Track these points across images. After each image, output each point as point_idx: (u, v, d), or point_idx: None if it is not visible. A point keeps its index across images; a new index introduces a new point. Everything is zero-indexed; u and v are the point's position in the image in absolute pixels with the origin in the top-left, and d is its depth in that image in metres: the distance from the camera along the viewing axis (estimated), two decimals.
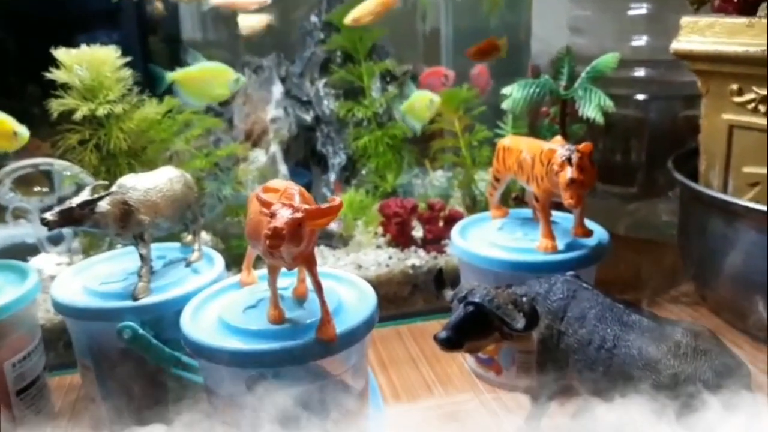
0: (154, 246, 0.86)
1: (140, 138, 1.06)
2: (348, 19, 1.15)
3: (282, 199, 0.66)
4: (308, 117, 1.30)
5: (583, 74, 1.08)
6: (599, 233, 0.94)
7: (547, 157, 0.84)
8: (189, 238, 0.96)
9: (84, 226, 0.78)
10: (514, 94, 1.05)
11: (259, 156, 1.27)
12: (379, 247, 1.20)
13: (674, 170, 1.13)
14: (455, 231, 0.99)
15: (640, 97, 1.47)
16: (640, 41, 1.48)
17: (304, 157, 1.37)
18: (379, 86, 1.31)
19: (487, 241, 0.95)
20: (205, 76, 1.05)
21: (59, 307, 0.84)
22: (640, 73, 1.49)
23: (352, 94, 1.31)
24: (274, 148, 1.32)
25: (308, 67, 1.31)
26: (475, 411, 0.92)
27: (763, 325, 1.02)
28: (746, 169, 0.99)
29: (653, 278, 1.26)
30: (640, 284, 1.18)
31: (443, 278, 0.87)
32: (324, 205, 0.64)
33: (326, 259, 1.17)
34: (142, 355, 0.81)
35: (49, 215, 0.76)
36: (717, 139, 1.02)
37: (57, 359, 1.02)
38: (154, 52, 1.43)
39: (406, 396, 0.95)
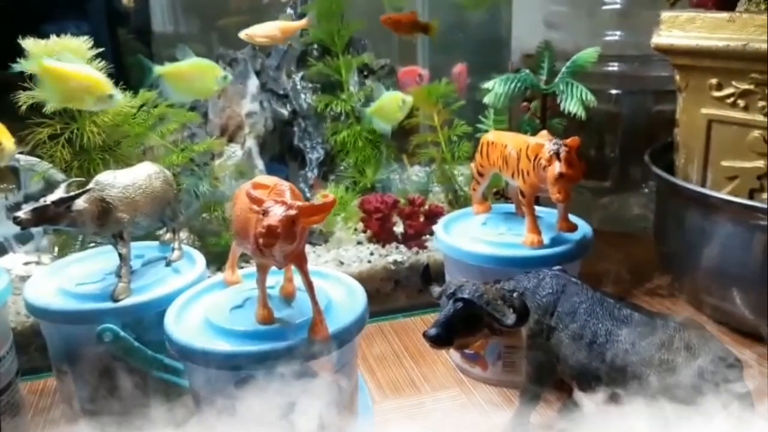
0: (131, 245, 0.83)
1: (114, 132, 1.03)
2: (242, 34, 1.11)
3: (272, 195, 0.64)
4: (285, 111, 1.28)
5: (563, 69, 1.08)
6: (583, 227, 0.95)
7: (535, 151, 0.84)
8: (167, 236, 0.93)
9: (60, 224, 0.75)
10: (495, 88, 1.05)
11: (236, 151, 1.24)
12: (359, 243, 1.19)
13: (651, 164, 1.14)
14: (439, 227, 0.99)
15: (613, 91, 1.48)
16: (614, 36, 1.49)
17: (280, 152, 1.34)
18: (356, 80, 1.29)
19: (471, 236, 0.95)
20: (193, 72, 1.01)
21: (33, 310, 0.80)
22: (613, 67, 1.50)
23: (329, 88, 1.29)
24: (250, 143, 1.29)
25: (285, 60, 1.28)
26: (463, 407, 0.91)
27: (739, 316, 1.03)
28: (725, 163, 1.00)
29: (628, 271, 1.27)
30: (616, 277, 1.19)
31: (430, 274, 0.87)
32: (317, 202, 0.62)
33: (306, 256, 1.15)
34: (122, 358, 0.78)
35: (22, 214, 0.73)
36: (695, 133, 1.03)
37: (28, 363, 0.98)
38: (123, 45, 1.38)
39: (392, 393, 0.94)
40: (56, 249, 1.09)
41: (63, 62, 0.93)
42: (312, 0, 1.27)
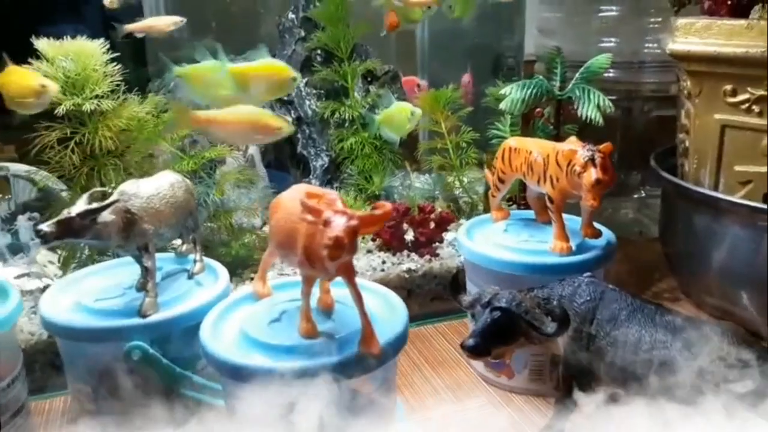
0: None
1: (125, 137, 0.99)
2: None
3: (323, 205, 0.61)
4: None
5: (577, 75, 1.08)
6: (606, 234, 0.94)
7: (568, 157, 0.83)
8: (185, 247, 0.89)
9: (84, 237, 0.71)
10: (512, 94, 1.04)
11: (238, 159, 1.21)
12: (369, 251, 1.17)
13: (659, 168, 1.15)
14: (462, 233, 0.97)
15: (611, 98, 1.49)
16: (609, 43, 1.51)
17: (283, 160, 1.32)
18: (360, 86, 1.27)
19: (495, 243, 0.94)
20: (209, 74, 0.98)
21: (53, 328, 0.76)
22: (609, 74, 1.52)
23: (333, 94, 1.27)
24: (253, 149, 1.26)
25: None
26: (492, 417, 0.90)
27: (747, 318, 1.05)
28: (738, 168, 1.01)
29: (630, 275, 1.28)
30: (619, 282, 1.20)
31: (459, 283, 0.85)
32: (376, 212, 0.60)
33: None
34: (150, 376, 0.75)
35: (45, 227, 0.69)
36: (708, 138, 1.04)
37: (33, 384, 0.93)
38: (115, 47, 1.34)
39: (416, 404, 0.92)
40: (60, 262, 1.04)
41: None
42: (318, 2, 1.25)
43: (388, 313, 0.74)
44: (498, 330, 0.75)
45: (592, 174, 0.80)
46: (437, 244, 1.17)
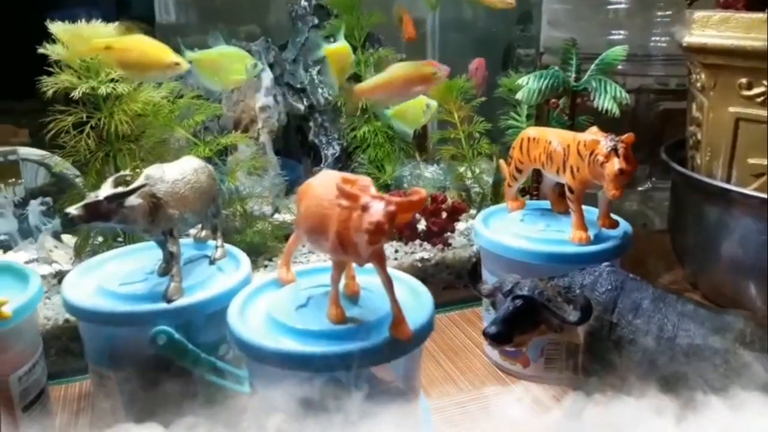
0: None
1: (140, 122, 0.98)
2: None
3: (357, 190, 0.61)
4: (302, 105, 1.25)
5: (593, 66, 1.09)
6: (623, 224, 0.95)
7: (590, 148, 0.83)
8: (204, 233, 0.89)
9: (111, 221, 0.71)
10: (529, 84, 1.04)
11: (251, 146, 1.21)
12: None
13: (670, 161, 1.16)
14: (479, 222, 0.98)
15: None
16: (618, 36, 1.51)
17: (293, 148, 1.31)
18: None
19: (512, 232, 0.94)
20: (222, 60, 0.97)
21: (77, 312, 0.76)
22: (618, 66, 1.52)
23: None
24: (264, 137, 1.26)
25: (302, 53, 1.25)
26: (509, 404, 0.90)
27: (759, 311, 1.06)
28: (751, 161, 1.02)
29: (636, 267, 1.29)
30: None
31: (478, 272, 0.86)
32: (412, 198, 0.60)
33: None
34: (174, 361, 0.75)
35: (73, 210, 0.69)
36: (722, 131, 1.05)
37: (48, 369, 0.92)
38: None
39: (433, 392, 0.93)
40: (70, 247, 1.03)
41: None
42: None
43: (413, 300, 0.74)
44: (520, 318, 0.76)
45: (615, 164, 0.80)
46: (449, 233, 1.18)
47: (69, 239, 1.18)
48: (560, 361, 0.94)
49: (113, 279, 0.80)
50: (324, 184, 0.68)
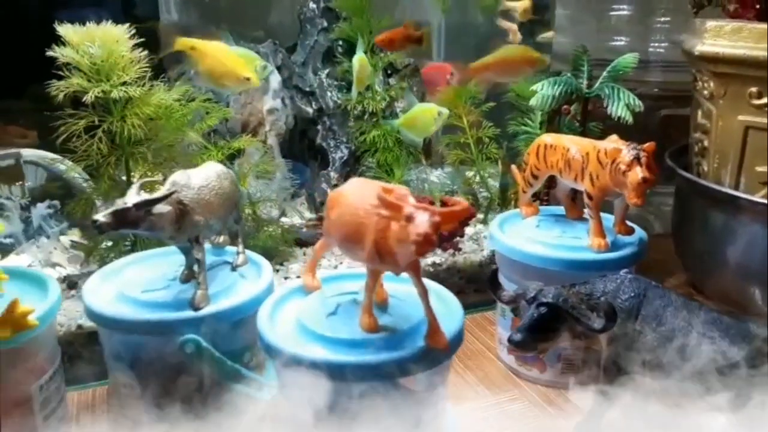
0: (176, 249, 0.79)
1: (151, 126, 0.97)
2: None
3: (395, 200, 0.61)
4: (310, 109, 1.24)
5: (604, 73, 1.10)
6: (638, 230, 0.96)
7: (612, 156, 0.84)
8: (221, 239, 0.88)
9: (138, 229, 0.70)
10: (543, 91, 1.05)
11: (260, 149, 1.20)
12: None
13: (676, 166, 1.18)
14: (495, 228, 0.98)
15: None
16: (620, 42, 1.53)
17: (300, 151, 1.31)
18: (381, 79, 1.27)
19: (528, 238, 0.95)
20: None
21: (99, 319, 0.75)
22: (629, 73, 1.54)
23: (352, 86, 1.26)
24: (272, 140, 1.25)
25: (311, 57, 1.24)
26: (527, 409, 0.91)
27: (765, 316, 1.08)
28: (759, 168, 1.04)
29: (638, 272, 1.30)
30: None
31: (498, 279, 0.86)
32: (454, 208, 0.60)
33: (343, 258, 1.12)
34: (200, 369, 0.74)
35: (101, 217, 0.67)
36: (731, 139, 1.06)
37: None
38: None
39: (452, 398, 0.93)
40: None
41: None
42: None
43: (443, 308, 0.74)
44: (544, 325, 0.76)
45: (638, 173, 0.81)
46: (458, 238, 1.18)
47: (65, 240, 1.17)
48: (577, 367, 0.94)
49: (134, 286, 0.79)
50: (357, 193, 0.67)
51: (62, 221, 1.09)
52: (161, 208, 0.70)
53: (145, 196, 0.70)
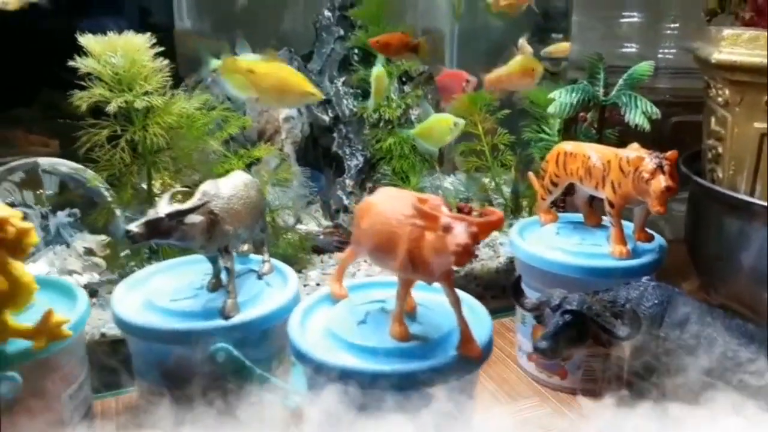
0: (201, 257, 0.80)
1: (172, 135, 0.97)
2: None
3: (431, 210, 0.62)
4: (327, 117, 1.25)
5: (620, 81, 1.10)
6: (657, 237, 0.97)
7: (634, 164, 0.85)
8: (245, 247, 0.89)
9: (171, 239, 0.71)
10: (560, 98, 1.06)
11: (277, 157, 1.21)
12: None
13: (690, 173, 1.18)
14: (515, 235, 0.99)
15: None
16: (631, 48, 1.54)
17: (315, 158, 1.31)
18: (396, 86, 1.27)
19: (549, 245, 0.95)
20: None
21: (129, 328, 0.75)
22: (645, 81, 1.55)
23: (368, 94, 1.26)
24: (288, 148, 1.26)
25: (327, 65, 1.25)
26: (550, 416, 0.91)
27: None
28: None
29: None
30: None
31: (521, 287, 0.86)
32: (490, 218, 0.61)
33: (360, 265, 1.13)
34: (230, 377, 0.74)
35: (135, 227, 0.68)
36: (747, 146, 1.07)
37: None
38: None
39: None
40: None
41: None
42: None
43: (473, 318, 0.74)
44: (570, 332, 0.77)
45: (662, 181, 0.82)
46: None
47: (78, 247, 1.17)
48: (598, 374, 0.95)
49: (162, 295, 0.79)
50: (388, 203, 0.68)
51: (81, 229, 1.09)
52: (193, 218, 0.71)
53: (177, 206, 0.70)
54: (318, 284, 1.08)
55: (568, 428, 0.89)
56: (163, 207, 0.70)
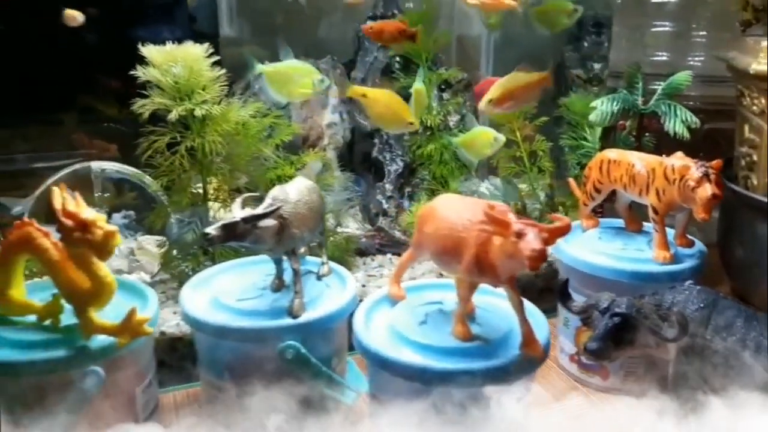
0: (262, 258, 0.85)
1: (228, 141, 1.01)
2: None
3: (498, 215, 0.65)
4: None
5: (659, 90, 1.13)
6: (697, 243, 1.00)
7: (681, 173, 0.88)
8: (302, 249, 0.92)
9: (245, 241, 0.74)
10: (602, 107, 1.09)
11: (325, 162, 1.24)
12: None
13: (726, 181, 1.21)
14: (561, 240, 1.01)
15: None
16: (662, 57, 1.56)
17: (354, 164, 1.35)
18: (435, 93, 1.31)
19: (593, 250, 0.98)
20: (291, 74, 1.01)
21: (199, 325, 0.79)
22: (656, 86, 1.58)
23: (409, 100, 1.30)
24: (331, 153, 1.29)
25: (370, 73, 1.29)
26: (594, 416, 0.94)
27: None
28: None
29: None
30: None
31: (568, 290, 0.89)
32: (558, 224, 0.64)
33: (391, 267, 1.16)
34: (295, 374, 0.78)
35: (212, 230, 0.72)
36: None
37: None
38: None
39: None
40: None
41: None
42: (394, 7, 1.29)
43: (530, 320, 0.78)
44: (618, 334, 0.79)
45: (708, 189, 0.85)
46: None
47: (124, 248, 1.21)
48: (639, 374, 0.98)
49: (228, 294, 0.82)
50: (452, 208, 0.71)
51: (136, 231, 1.14)
52: (266, 222, 0.74)
53: (251, 210, 0.74)
54: (363, 285, 1.12)
55: (611, 427, 0.92)
56: (238, 211, 0.74)
